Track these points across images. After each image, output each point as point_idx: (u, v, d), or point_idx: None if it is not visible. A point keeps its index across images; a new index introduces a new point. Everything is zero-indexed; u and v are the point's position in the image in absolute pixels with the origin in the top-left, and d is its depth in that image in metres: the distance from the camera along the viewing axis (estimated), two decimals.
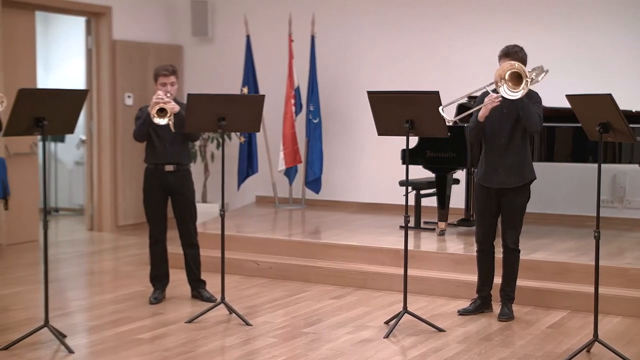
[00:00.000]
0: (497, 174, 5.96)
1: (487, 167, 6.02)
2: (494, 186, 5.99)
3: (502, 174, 5.94)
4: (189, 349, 5.34)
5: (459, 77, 9.19)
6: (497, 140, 5.95)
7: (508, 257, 6.08)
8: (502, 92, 5.52)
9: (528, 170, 6.01)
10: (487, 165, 6.01)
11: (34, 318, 5.94)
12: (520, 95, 5.49)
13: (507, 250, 6.07)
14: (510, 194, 5.97)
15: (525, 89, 5.46)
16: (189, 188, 6.62)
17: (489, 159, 6.00)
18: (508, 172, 5.93)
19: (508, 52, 5.86)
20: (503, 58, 5.85)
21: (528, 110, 5.76)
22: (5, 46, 8.72)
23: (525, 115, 5.78)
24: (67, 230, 10.39)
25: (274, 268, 7.56)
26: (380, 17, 9.85)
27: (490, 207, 6.06)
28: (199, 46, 10.90)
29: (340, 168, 10.17)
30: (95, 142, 10.12)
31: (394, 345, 5.46)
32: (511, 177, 5.94)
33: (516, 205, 5.99)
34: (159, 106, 6.15)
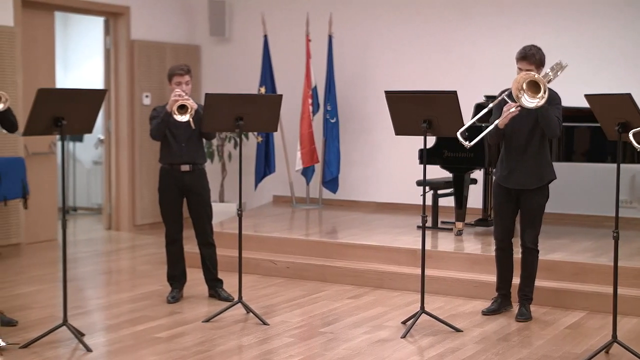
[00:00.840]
0: (516, 175, 5.95)
1: (506, 168, 6.00)
2: (513, 187, 5.97)
3: (521, 175, 5.93)
4: (206, 348, 5.35)
5: (477, 76, 9.17)
6: (516, 142, 5.93)
7: (527, 257, 6.06)
8: (523, 102, 5.50)
9: (547, 171, 5.99)
10: (507, 166, 6.00)
11: (53, 316, 5.97)
12: (540, 103, 5.47)
13: (525, 250, 6.05)
14: (529, 194, 5.95)
15: (544, 96, 5.44)
16: (204, 187, 6.64)
17: (508, 160, 5.99)
18: (527, 174, 5.92)
19: (525, 54, 5.84)
20: (520, 61, 5.84)
21: (547, 115, 5.75)
22: (25, 46, 8.76)
23: (545, 121, 5.77)
24: (85, 229, 10.44)
25: (291, 268, 7.56)
26: (398, 16, 9.83)
27: (509, 206, 6.05)
28: (216, 46, 10.92)
29: (358, 168, 10.16)
30: (113, 141, 10.16)
31: (411, 345, 5.45)
32: (530, 178, 5.93)
33: (535, 205, 5.98)
34: (179, 103, 6.17)
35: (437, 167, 7.96)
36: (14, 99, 8.34)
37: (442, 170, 8.02)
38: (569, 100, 7.97)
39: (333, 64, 9.85)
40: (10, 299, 6.50)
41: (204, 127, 6.21)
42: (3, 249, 8.24)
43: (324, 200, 10.19)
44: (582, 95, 5.31)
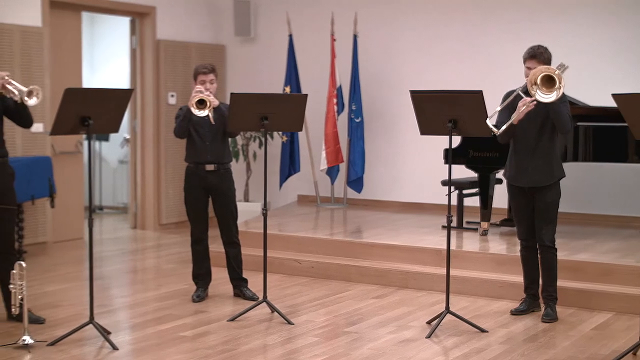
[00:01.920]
0: (527, 174, 5.94)
1: (516, 167, 6.00)
2: (525, 185, 5.97)
3: (532, 174, 5.93)
4: (231, 347, 5.37)
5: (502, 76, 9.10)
6: (526, 141, 5.93)
7: (545, 255, 6.03)
8: (538, 97, 5.50)
9: (557, 169, 5.99)
10: (517, 165, 6.00)
11: (80, 314, 6.02)
12: (555, 97, 5.47)
13: (544, 248, 6.02)
14: (542, 192, 5.95)
15: (559, 91, 5.44)
16: (229, 187, 6.66)
17: (518, 159, 5.99)
18: (538, 172, 5.92)
19: (534, 53, 5.86)
20: (529, 60, 5.87)
21: (558, 111, 5.74)
22: (53, 46, 8.83)
23: (556, 116, 5.76)
24: (111, 228, 10.50)
25: (316, 267, 7.57)
26: (423, 15, 9.81)
27: (526, 204, 6.04)
28: (241, 45, 10.95)
29: (382, 167, 10.15)
30: (139, 141, 10.22)
31: (436, 346, 5.44)
32: (541, 176, 5.92)
33: (549, 202, 5.96)
34: (197, 97, 6.19)
35: (462, 166, 7.93)
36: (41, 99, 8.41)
37: (467, 170, 8.00)
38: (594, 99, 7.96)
39: (358, 64, 9.85)
40: (38, 297, 6.55)
41: (229, 127, 6.24)
42: (30, 248, 8.30)
43: (348, 199, 10.19)
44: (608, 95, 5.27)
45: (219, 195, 6.60)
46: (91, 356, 5.16)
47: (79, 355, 5.14)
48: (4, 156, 5.76)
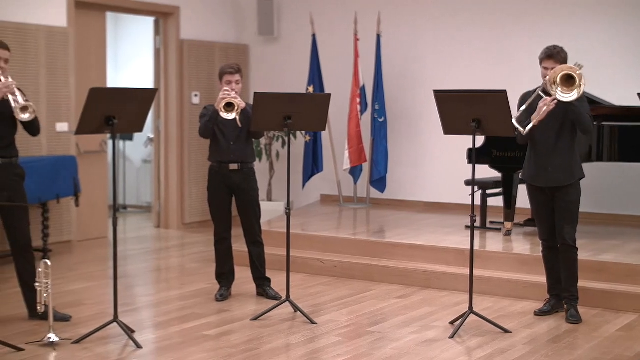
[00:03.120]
0: (546, 173, 5.91)
1: (535, 166, 5.97)
2: (544, 185, 5.94)
3: (552, 173, 5.89)
4: (254, 346, 5.38)
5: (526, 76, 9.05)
6: (545, 141, 5.90)
7: (566, 255, 5.99)
8: (558, 96, 5.49)
9: (577, 169, 5.95)
10: (536, 164, 5.96)
11: (104, 313, 6.05)
12: (576, 96, 5.46)
13: (565, 248, 5.98)
14: (562, 192, 5.92)
15: (580, 90, 5.42)
16: (253, 186, 6.67)
17: (537, 158, 5.96)
18: (557, 171, 5.88)
19: (551, 53, 5.85)
20: (546, 60, 5.85)
21: (579, 111, 5.72)
22: (78, 46, 8.89)
23: (577, 117, 5.73)
24: (135, 227, 10.56)
25: (339, 267, 7.57)
26: (446, 15, 9.78)
27: (546, 204, 6.01)
28: (265, 45, 10.97)
29: (406, 167, 10.13)
30: (162, 140, 10.26)
31: (459, 346, 5.43)
32: (561, 175, 5.89)
33: (570, 201, 5.92)
34: (226, 101, 6.20)
35: (485, 166, 7.90)
36: (66, 99, 8.52)
37: (490, 169, 7.96)
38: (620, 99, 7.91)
39: (381, 63, 9.83)
40: (63, 296, 6.60)
41: (253, 126, 6.24)
42: (55, 246, 8.35)
43: (371, 199, 10.17)
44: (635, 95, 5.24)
45: (242, 194, 6.61)
46: (115, 354, 5.19)
47: (103, 354, 5.18)
48: (13, 156, 5.80)
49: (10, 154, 5.77)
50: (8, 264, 6.03)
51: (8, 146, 5.76)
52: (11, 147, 5.80)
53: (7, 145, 5.75)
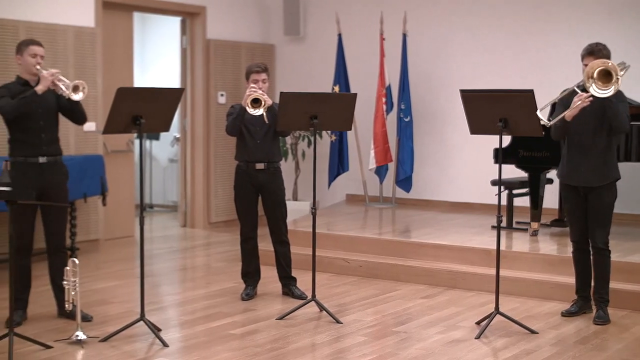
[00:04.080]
0: (580, 173, 5.86)
1: (570, 165, 5.92)
2: (579, 184, 5.89)
3: (586, 173, 5.83)
4: (280, 345, 5.39)
5: (553, 75, 9.03)
6: (581, 139, 5.84)
7: (598, 257, 5.95)
8: (592, 91, 5.45)
9: (613, 169, 5.89)
10: (570, 163, 5.91)
11: (130, 311, 6.09)
12: (612, 92, 5.40)
13: (597, 250, 5.93)
14: (597, 192, 5.85)
15: (616, 86, 5.37)
16: (279, 185, 6.68)
17: (572, 157, 5.90)
18: (592, 171, 5.82)
19: (592, 50, 5.76)
20: (587, 57, 5.77)
21: (616, 109, 5.66)
22: (105, 46, 8.95)
23: (613, 115, 5.67)
24: (161, 226, 10.61)
25: (364, 266, 7.57)
26: (472, 14, 9.74)
27: (579, 205, 5.95)
28: (290, 45, 10.98)
29: (431, 167, 10.11)
30: (188, 139, 10.31)
31: (486, 347, 5.41)
32: (595, 176, 5.83)
33: (603, 203, 5.87)
34: (252, 97, 6.21)
35: (512, 166, 7.86)
36: (94, 98, 8.57)
37: (517, 169, 7.92)
38: None
39: (407, 63, 9.81)
40: (90, 294, 6.65)
41: (279, 126, 6.25)
42: (82, 245, 8.41)
43: (397, 199, 10.16)
44: None
45: (268, 193, 6.62)
46: (142, 352, 5.22)
47: (130, 352, 5.21)
48: (57, 154, 5.87)
49: (55, 151, 5.86)
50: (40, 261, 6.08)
51: (53, 142, 5.85)
52: (55, 144, 5.89)
53: (51, 142, 5.83)
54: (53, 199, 5.73)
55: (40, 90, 5.62)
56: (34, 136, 5.74)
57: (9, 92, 5.71)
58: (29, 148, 5.74)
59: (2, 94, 5.71)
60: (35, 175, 5.74)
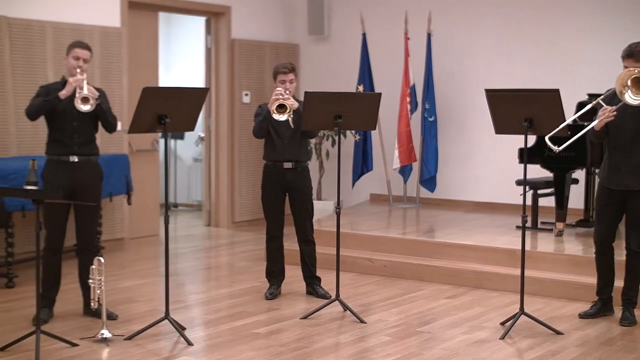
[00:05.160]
0: (619, 176, 5.79)
1: (610, 167, 5.85)
2: (618, 188, 5.81)
3: (626, 175, 5.76)
4: (304, 344, 5.39)
5: (579, 74, 8.99)
6: (620, 141, 5.77)
7: (631, 260, 5.89)
8: (627, 99, 5.41)
9: None
10: (610, 165, 5.84)
11: (155, 310, 6.13)
12: None
13: (630, 253, 5.88)
14: (635, 197, 5.77)
15: None
16: (306, 185, 6.69)
17: (612, 159, 5.84)
18: (632, 174, 5.75)
19: (632, 51, 5.65)
20: (627, 59, 5.65)
21: None
22: (131, 46, 8.99)
23: None
24: (186, 225, 10.65)
25: (388, 266, 7.56)
26: (497, 13, 9.70)
27: (613, 209, 5.89)
28: (315, 44, 10.99)
29: (456, 166, 10.08)
30: (213, 139, 10.34)
31: (510, 347, 5.38)
32: (632, 180, 5.76)
33: None
34: (278, 102, 6.22)
35: (537, 166, 7.82)
36: (119, 98, 8.62)
37: (542, 169, 7.88)
38: None
39: (432, 62, 9.79)
40: (115, 292, 6.68)
41: (303, 125, 6.25)
42: (107, 244, 8.47)
43: (421, 198, 10.14)
44: None
45: (296, 192, 6.63)
46: (167, 351, 5.25)
47: (155, 350, 5.23)
48: (91, 154, 5.93)
49: (88, 151, 5.91)
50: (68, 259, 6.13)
51: (86, 143, 5.90)
52: (91, 145, 5.95)
53: (85, 142, 5.89)
54: (84, 198, 5.78)
55: (63, 95, 5.69)
56: (67, 136, 5.81)
57: (46, 92, 5.81)
58: (62, 147, 5.81)
59: (38, 93, 5.84)
60: (67, 173, 5.80)
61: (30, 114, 5.75)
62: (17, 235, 7.21)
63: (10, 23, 7.78)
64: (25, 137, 7.87)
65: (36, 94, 5.83)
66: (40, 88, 5.88)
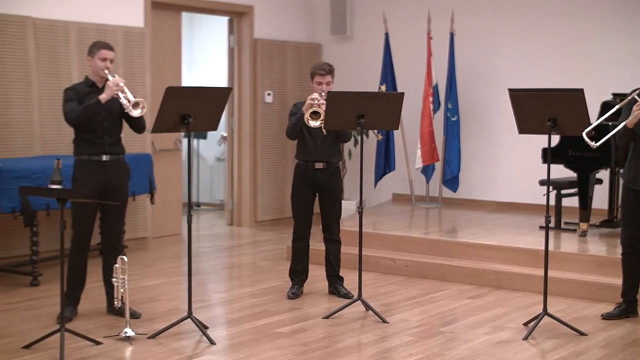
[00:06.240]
0: None
1: (634, 169, 5.80)
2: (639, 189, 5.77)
3: None
4: (326, 344, 5.40)
5: (603, 73, 8.93)
6: None
7: None
8: None
9: None
10: (634, 167, 5.80)
11: (178, 309, 6.15)
12: None
13: None
14: None
15: None
16: (337, 185, 6.68)
17: (635, 161, 5.79)
18: None
19: None
20: None
21: None
22: (154, 46, 9.04)
23: None
24: (208, 224, 10.68)
25: (410, 266, 7.55)
26: (520, 12, 9.66)
27: (638, 210, 5.84)
28: (337, 44, 10.99)
29: (478, 166, 10.04)
30: (235, 138, 10.36)
31: (533, 348, 5.36)
32: None
33: None
34: (312, 109, 6.22)
35: (560, 166, 7.78)
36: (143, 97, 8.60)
37: (565, 169, 7.84)
38: None
39: (454, 62, 9.76)
40: (138, 291, 6.72)
41: (326, 125, 6.23)
42: (131, 243, 8.51)
43: (443, 198, 10.11)
44: None
45: (327, 192, 6.63)
46: (189, 350, 5.27)
47: (178, 349, 5.26)
48: (120, 153, 5.96)
49: (117, 150, 5.96)
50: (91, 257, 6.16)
51: (115, 143, 5.95)
52: (118, 144, 5.99)
53: (114, 143, 5.94)
54: (113, 197, 5.82)
55: (104, 99, 5.72)
56: (97, 137, 5.85)
57: (77, 95, 5.84)
58: (93, 147, 5.85)
59: (69, 96, 5.84)
60: (99, 173, 5.84)
61: (72, 119, 5.77)
62: (41, 233, 7.27)
63: (35, 23, 7.84)
64: (49, 137, 7.93)
65: (68, 98, 5.82)
66: (68, 90, 5.88)
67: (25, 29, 7.76)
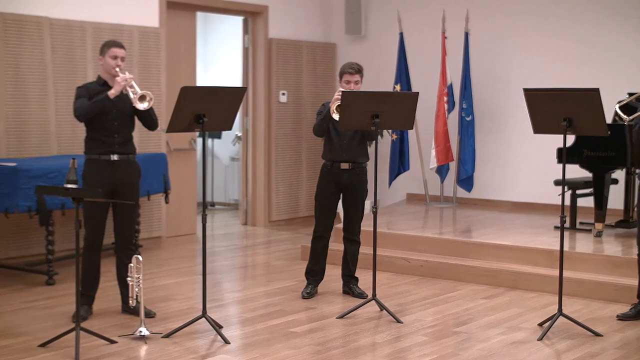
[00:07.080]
0: None
1: None
2: None
3: None
4: (341, 344, 5.40)
5: (618, 73, 8.89)
6: None
7: None
8: None
9: None
10: None
11: (192, 308, 6.16)
12: None
13: None
14: None
15: None
16: (362, 186, 6.67)
17: None
18: None
19: None
20: None
21: None
22: (169, 46, 9.06)
23: None
24: (222, 224, 10.70)
25: (425, 266, 7.54)
26: (535, 12, 9.63)
27: None
28: (352, 44, 10.98)
29: (493, 166, 10.02)
30: (250, 138, 10.37)
31: (548, 348, 5.34)
32: None
33: None
34: (338, 102, 6.24)
35: (576, 166, 7.75)
36: (157, 97, 8.67)
37: (581, 169, 7.81)
38: None
39: (469, 62, 9.74)
40: (153, 290, 6.74)
41: (340, 125, 6.24)
42: (145, 242, 8.54)
43: (458, 198, 10.10)
44: None
45: (351, 191, 6.62)
46: (204, 349, 5.28)
47: (192, 348, 5.27)
48: (130, 153, 5.98)
49: (128, 150, 5.97)
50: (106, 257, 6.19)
51: (126, 142, 5.96)
52: (129, 144, 6.00)
53: (124, 142, 5.95)
54: (124, 197, 5.84)
55: (112, 94, 5.74)
56: (108, 136, 5.86)
57: (88, 93, 5.85)
58: (103, 146, 5.86)
59: (80, 94, 5.86)
60: (108, 172, 5.85)
61: (80, 115, 5.78)
62: (57, 233, 7.31)
63: (52, 24, 7.88)
64: (65, 137, 7.97)
65: (79, 95, 5.85)
66: (80, 89, 5.92)
67: (42, 29, 7.80)
